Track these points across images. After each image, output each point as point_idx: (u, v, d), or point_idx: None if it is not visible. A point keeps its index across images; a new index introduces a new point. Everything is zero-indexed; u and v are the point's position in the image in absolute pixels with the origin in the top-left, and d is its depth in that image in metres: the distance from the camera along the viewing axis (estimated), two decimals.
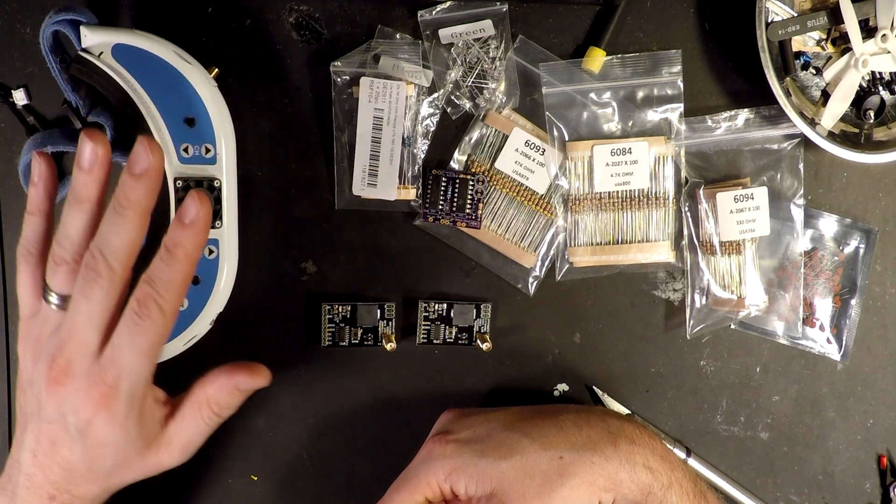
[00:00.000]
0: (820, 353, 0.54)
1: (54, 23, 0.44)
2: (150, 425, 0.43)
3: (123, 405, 0.40)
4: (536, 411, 0.47)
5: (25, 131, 0.51)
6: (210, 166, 0.47)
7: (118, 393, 0.40)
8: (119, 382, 0.40)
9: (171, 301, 0.40)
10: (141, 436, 0.42)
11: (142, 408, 0.41)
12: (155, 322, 0.39)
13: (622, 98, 0.52)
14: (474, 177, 0.48)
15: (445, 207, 0.46)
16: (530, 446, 0.43)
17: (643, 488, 0.43)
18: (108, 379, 0.40)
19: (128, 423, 0.41)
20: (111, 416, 0.40)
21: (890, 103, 0.52)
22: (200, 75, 0.46)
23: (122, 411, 0.40)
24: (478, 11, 0.51)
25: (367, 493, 0.54)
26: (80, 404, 0.40)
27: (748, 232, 0.51)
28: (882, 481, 0.55)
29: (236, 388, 0.44)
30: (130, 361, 0.40)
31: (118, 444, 0.41)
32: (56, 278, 0.42)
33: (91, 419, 0.40)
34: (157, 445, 0.43)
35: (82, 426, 0.40)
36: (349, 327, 0.52)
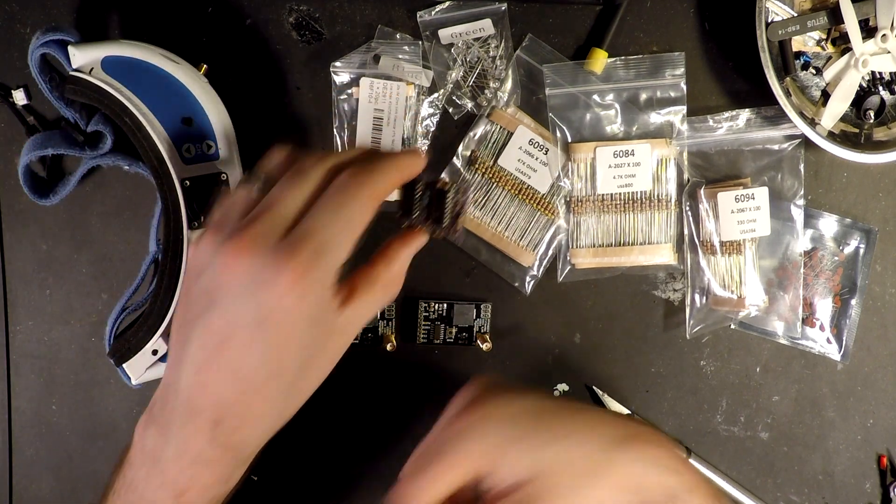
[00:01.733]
0: (820, 353, 0.54)
1: (41, 45, 0.44)
2: (329, 317, 0.36)
3: (317, 289, 0.34)
4: (565, 401, 0.43)
5: (25, 131, 0.51)
6: (214, 162, 0.47)
7: (312, 271, 0.33)
8: (315, 259, 0.33)
9: (378, 184, 0.35)
10: (324, 328, 0.35)
11: (332, 303, 0.35)
12: (361, 200, 0.35)
13: (625, 100, 0.52)
14: (459, 184, 0.41)
15: (421, 217, 0.40)
16: (573, 436, 0.36)
17: (667, 491, 0.40)
18: (304, 253, 0.33)
19: (317, 311, 0.34)
20: (301, 300, 0.33)
21: (890, 103, 0.52)
22: (190, 73, 0.46)
23: (314, 296, 0.34)
24: (477, 11, 0.51)
25: (367, 493, 0.54)
26: (264, 283, 0.33)
27: (748, 232, 0.51)
28: (882, 481, 0.55)
29: (405, 255, 0.39)
30: (332, 234, 0.34)
31: (302, 339, 0.35)
32: (268, 164, 0.38)
33: (276, 304, 0.33)
34: (333, 334, 0.36)
35: (264, 313, 0.33)
36: None
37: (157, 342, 0.47)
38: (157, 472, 0.38)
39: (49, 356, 0.53)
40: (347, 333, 0.38)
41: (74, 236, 0.52)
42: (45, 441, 0.53)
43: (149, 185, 0.51)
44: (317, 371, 0.37)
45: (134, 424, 0.54)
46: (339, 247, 0.34)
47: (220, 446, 0.37)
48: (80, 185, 0.51)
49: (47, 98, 0.47)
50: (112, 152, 0.49)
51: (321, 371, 0.38)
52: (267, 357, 0.34)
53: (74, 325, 0.53)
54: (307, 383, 0.37)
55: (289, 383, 0.36)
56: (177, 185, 0.46)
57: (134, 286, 0.49)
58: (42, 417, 0.53)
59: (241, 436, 0.37)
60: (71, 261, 0.53)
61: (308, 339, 0.35)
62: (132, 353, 0.47)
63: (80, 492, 0.54)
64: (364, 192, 0.35)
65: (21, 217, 0.52)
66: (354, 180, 0.35)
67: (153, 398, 0.38)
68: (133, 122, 0.45)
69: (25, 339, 0.53)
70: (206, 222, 0.44)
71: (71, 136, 0.48)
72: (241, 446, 0.37)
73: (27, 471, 0.54)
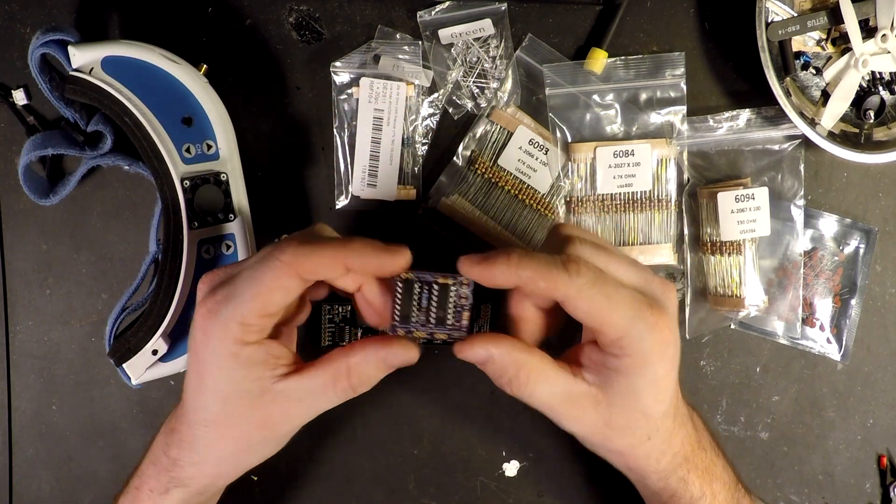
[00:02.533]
0: (820, 353, 0.54)
1: (41, 45, 0.44)
2: (260, 377, 0.38)
3: (220, 331, 0.37)
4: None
5: (25, 131, 0.51)
6: (214, 162, 0.47)
7: (214, 315, 0.37)
8: (222, 303, 0.37)
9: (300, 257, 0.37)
10: (245, 383, 0.38)
11: (243, 352, 0.38)
12: (273, 263, 0.37)
13: (625, 100, 0.52)
14: (456, 279, 0.38)
15: (421, 318, 0.38)
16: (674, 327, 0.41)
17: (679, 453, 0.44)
18: (218, 296, 0.38)
19: (224, 358, 0.38)
20: (206, 338, 0.38)
21: (890, 103, 0.52)
22: (190, 73, 0.46)
23: (219, 338, 0.37)
24: (477, 11, 0.51)
25: (367, 493, 0.54)
26: (195, 315, 0.38)
27: (748, 232, 0.51)
28: (882, 481, 0.55)
29: (384, 362, 0.40)
30: (239, 289, 0.37)
31: (216, 381, 0.38)
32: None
33: (195, 337, 0.38)
34: (267, 398, 0.39)
35: (192, 345, 0.39)
36: (349, 327, 0.52)
37: (157, 342, 0.47)
38: (143, 461, 0.44)
39: (49, 356, 0.53)
40: (290, 404, 0.39)
41: (74, 236, 0.52)
42: (45, 441, 0.53)
43: (149, 185, 0.51)
44: (245, 425, 0.40)
45: (134, 424, 0.54)
46: (242, 302, 0.37)
47: (164, 454, 0.42)
48: (80, 185, 0.51)
49: (47, 98, 0.47)
50: (112, 152, 0.49)
51: (252, 427, 0.40)
52: (193, 385, 0.40)
53: (74, 325, 0.53)
54: (233, 433, 0.40)
55: (210, 421, 0.40)
56: (177, 185, 0.46)
57: (134, 286, 0.49)
58: (42, 417, 0.53)
59: (179, 453, 0.41)
60: (71, 261, 0.53)
61: (225, 385, 0.38)
62: (132, 353, 0.47)
63: (80, 492, 0.54)
64: (281, 259, 0.37)
65: (21, 217, 0.52)
66: (277, 248, 0.37)
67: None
68: (133, 122, 0.45)
69: (25, 339, 0.53)
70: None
71: (71, 136, 0.48)
72: (178, 464, 0.41)
73: (27, 471, 0.54)
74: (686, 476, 0.44)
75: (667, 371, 0.40)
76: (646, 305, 0.39)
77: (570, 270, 0.37)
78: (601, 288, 0.38)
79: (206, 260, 0.48)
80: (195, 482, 0.42)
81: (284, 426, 0.41)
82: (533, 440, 0.55)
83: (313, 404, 0.40)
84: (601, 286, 0.38)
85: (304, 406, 0.40)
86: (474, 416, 0.54)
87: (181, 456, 0.41)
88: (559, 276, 0.37)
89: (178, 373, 0.49)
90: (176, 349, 0.48)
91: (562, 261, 0.38)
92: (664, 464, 0.43)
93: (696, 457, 0.44)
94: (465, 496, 0.55)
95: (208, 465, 0.41)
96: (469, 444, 0.55)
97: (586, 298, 0.38)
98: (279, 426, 0.40)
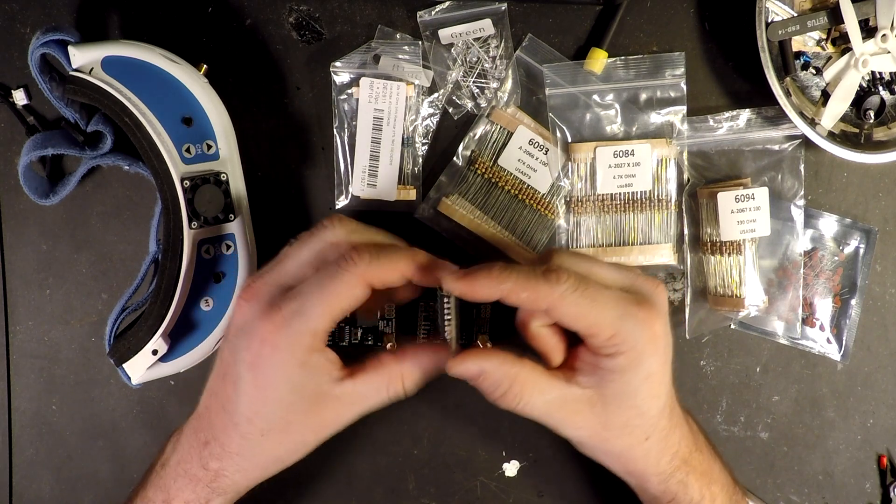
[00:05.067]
0: (820, 353, 0.54)
1: (41, 45, 0.44)
2: (320, 382, 0.40)
3: (290, 343, 0.38)
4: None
5: (25, 131, 0.51)
6: (214, 162, 0.47)
7: (285, 329, 0.38)
8: (291, 319, 0.38)
9: (371, 269, 0.38)
10: (308, 388, 0.40)
11: (311, 360, 0.39)
12: (346, 276, 0.38)
13: (625, 100, 0.52)
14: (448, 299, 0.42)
15: (455, 331, 0.42)
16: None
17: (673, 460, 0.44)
18: (282, 312, 0.38)
19: (292, 368, 0.39)
20: (275, 351, 0.39)
21: (890, 103, 0.52)
22: (190, 73, 0.46)
23: (288, 350, 0.38)
24: (477, 11, 0.51)
25: (367, 493, 0.54)
26: (253, 330, 0.39)
27: (748, 232, 0.51)
28: (882, 481, 0.55)
29: (436, 367, 0.42)
30: (310, 301, 0.38)
31: (280, 391, 0.39)
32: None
33: (258, 350, 0.39)
34: (325, 402, 0.40)
35: (253, 357, 0.39)
36: (349, 327, 0.52)
37: (157, 342, 0.47)
38: (160, 475, 0.43)
39: (49, 356, 0.53)
40: (343, 407, 0.41)
41: (74, 236, 0.52)
42: (45, 441, 0.53)
43: (149, 185, 0.51)
44: (302, 429, 0.41)
45: (134, 424, 0.54)
46: (315, 315, 0.38)
47: (202, 468, 0.42)
48: (80, 185, 0.51)
49: (47, 98, 0.47)
50: (112, 152, 0.49)
51: (308, 431, 0.41)
52: (250, 398, 0.40)
53: (74, 325, 0.53)
54: (291, 438, 0.41)
55: (268, 430, 0.40)
56: (177, 185, 0.46)
57: (134, 286, 0.49)
58: (42, 417, 0.53)
59: (221, 465, 0.41)
60: (71, 261, 0.53)
61: (288, 394, 0.39)
62: (132, 353, 0.47)
63: (80, 492, 0.54)
64: (353, 272, 0.38)
65: (21, 217, 0.52)
66: (349, 259, 0.39)
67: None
68: (133, 122, 0.45)
69: (25, 339, 0.53)
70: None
71: (71, 136, 0.48)
72: (221, 475, 0.42)
73: (27, 471, 0.54)
74: (685, 479, 0.44)
75: (660, 365, 0.41)
76: (633, 302, 0.39)
77: (551, 279, 0.38)
78: (584, 291, 0.39)
79: (207, 260, 0.48)
80: (239, 486, 0.43)
81: (335, 427, 0.42)
82: (533, 440, 0.55)
83: (364, 406, 0.42)
84: (584, 290, 0.39)
85: (355, 408, 0.42)
86: (474, 416, 0.54)
87: (225, 467, 0.42)
88: (540, 285, 0.38)
89: (178, 373, 0.49)
90: (176, 349, 0.48)
91: (542, 271, 0.39)
92: (664, 464, 0.43)
93: (694, 458, 0.45)
94: (465, 496, 0.55)
95: (258, 470, 0.43)
96: (469, 444, 0.55)
97: (570, 304, 0.38)
98: (331, 427, 0.42)
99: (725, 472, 0.47)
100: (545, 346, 0.43)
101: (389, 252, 0.39)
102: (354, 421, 0.42)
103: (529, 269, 0.39)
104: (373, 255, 0.39)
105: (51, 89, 0.46)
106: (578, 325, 0.39)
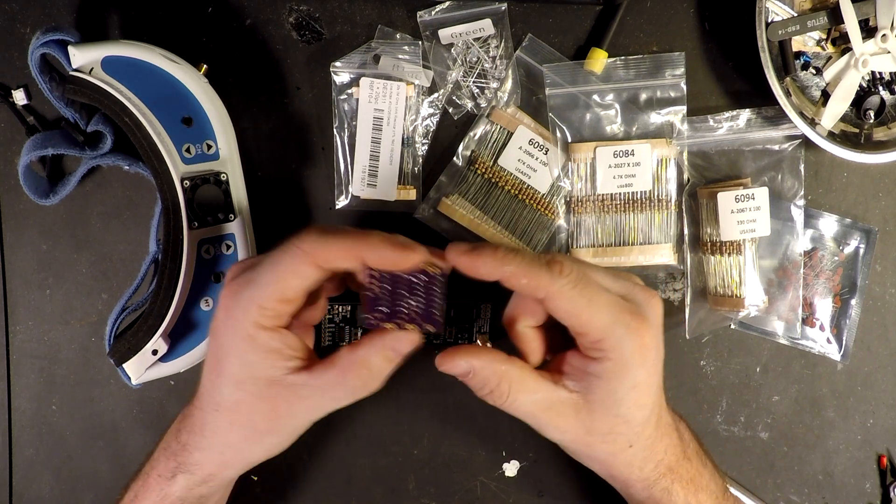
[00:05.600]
0: (820, 353, 0.54)
1: (41, 45, 0.44)
2: (273, 366, 0.39)
3: (240, 312, 0.38)
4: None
5: (25, 131, 0.51)
6: (214, 162, 0.47)
7: (238, 296, 0.39)
8: (245, 286, 0.39)
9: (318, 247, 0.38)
10: (257, 369, 0.39)
11: (260, 336, 0.39)
12: (292, 250, 0.38)
13: (625, 100, 0.52)
14: (438, 271, 0.40)
15: (412, 312, 0.40)
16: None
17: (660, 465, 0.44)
18: (241, 279, 0.39)
19: (241, 341, 0.39)
20: (226, 320, 0.39)
21: (890, 103, 0.52)
22: (190, 73, 0.46)
23: (238, 319, 0.39)
24: (477, 11, 0.51)
25: (367, 493, 0.54)
26: (220, 300, 0.40)
27: (748, 232, 0.51)
28: (882, 481, 0.55)
29: (392, 350, 0.40)
30: (260, 272, 0.39)
31: (232, 366, 0.39)
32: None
33: (217, 318, 0.40)
34: (277, 389, 0.40)
35: (213, 326, 0.40)
36: (349, 327, 0.52)
37: (157, 342, 0.47)
38: (156, 448, 0.45)
39: (49, 356, 0.53)
40: (296, 398, 0.40)
41: (74, 236, 0.52)
42: (45, 441, 0.53)
43: (149, 185, 0.51)
44: (252, 413, 0.40)
45: (134, 424, 0.54)
46: (262, 284, 0.38)
47: (176, 440, 0.43)
48: (80, 185, 0.51)
49: (47, 98, 0.47)
50: (112, 152, 0.49)
51: (259, 416, 0.40)
52: (209, 369, 0.41)
53: (74, 325, 0.53)
54: (241, 420, 0.41)
55: (220, 405, 0.40)
56: (177, 185, 0.46)
57: (134, 286, 0.49)
58: (42, 417, 0.53)
59: (189, 439, 0.42)
60: (71, 261, 0.53)
61: (238, 370, 0.39)
62: (132, 353, 0.47)
63: (80, 492, 0.54)
64: (300, 247, 0.38)
65: (21, 217, 0.52)
66: (300, 235, 0.39)
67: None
68: (133, 122, 0.45)
69: (25, 339, 0.53)
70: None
71: (71, 136, 0.48)
72: (187, 448, 0.42)
73: (27, 471, 0.54)
74: (670, 486, 0.44)
75: (647, 376, 0.41)
76: (627, 310, 0.40)
77: (553, 270, 0.39)
78: (583, 289, 0.39)
79: (206, 260, 0.48)
80: (200, 469, 0.43)
81: (290, 420, 0.41)
82: (533, 440, 0.55)
83: (321, 401, 0.41)
84: (583, 287, 0.39)
85: (311, 402, 0.41)
86: (474, 416, 0.54)
87: (190, 440, 0.42)
88: (542, 274, 0.38)
89: (178, 373, 0.49)
90: (176, 349, 0.48)
91: (546, 260, 0.39)
92: (647, 472, 0.43)
93: (681, 467, 0.44)
94: (465, 496, 0.55)
95: (214, 452, 0.42)
96: (469, 444, 0.55)
97: (567, 298, 0.38)
98: (284, 419, 0.41)
99: (716, 479, 0.47)
100: (527, 346, 0.43)
101: (339, 233, 0.39)
102: (316, 418, 0.41)
103: (534, 257, 0.39)
104: (320, 234, 0.39)
105: (51, 89, 0.46)
106: (570, 321, 0.39)
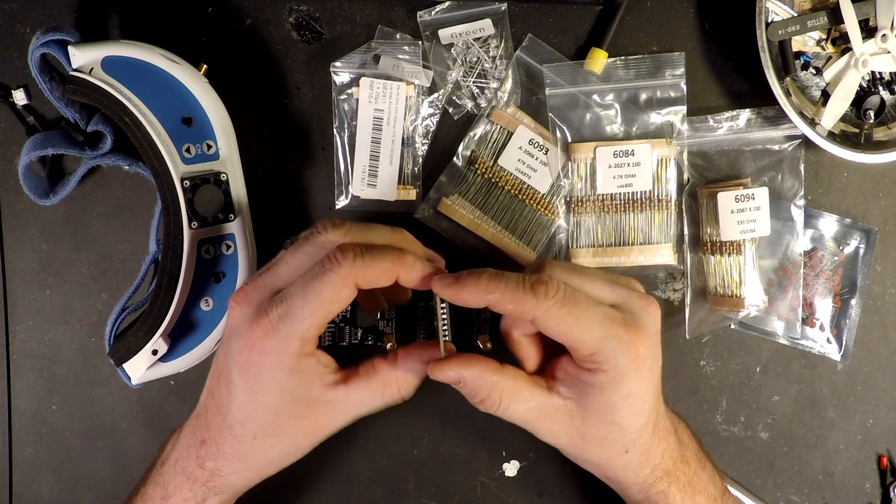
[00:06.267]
0: (820, 353, 0.54)
1: (41, 45, 0.44)
2: (312, 387, 0.40)
3: (279, 348, 0.38)
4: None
5: (25, 131, 0.51)
6: (214, 162, 0.47)
7: (274, 333, 0.38)
8: (280, 322, 0.38)
9: (357, 269, 0.38)
10: (299, 393, 0.40)
11: (300, 365, 0.39)
12: (330, 277, 0.38)
13: (625, 100, 0.52)
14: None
15: (445, 331, 0.42)
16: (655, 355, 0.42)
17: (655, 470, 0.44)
18: (272, 315, 0.38)
19: (281, 373, 0.39)
20: (264, 356, 0.39)
21: (890, 103, 0.52)
22: (190, 73, 0.46)
23: (277, 355, 0.38)
24: (477, 11, 0.51)
25: (367, 493, 0.54)
26: (243, 334, 0.39)
27: (748, 232, 0.51)
28: (882, 481, 0.55)
29: (428, 371, 0.41)
30: (296, 304, 0.38)
31: (270, 395, 0.39)
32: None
33: (249, 354, 0.39)
34: (317, 406, 0.40)
35: (245, 360, 0.39)
36: (349, 327, 0.52)
37: (157, 342, 0.47)
38: (160, 472, 0.44)
39: (49, 356, 0.53)
40: (336, 412, 0.41)
41: (74, 236, 0.52)
42: (45, 441, 0.53)
43: (149, 185, 0.51)
44: (294, 433, 0.41)
45: (134, 424, 0.54)
46: (301, 318, 0.38)
47: (199, 467, 0.42)
48: (80, 185, 0.51)
49: (47, 98, 0.47)
50: (112, 152, 0.49)
51: (301, 435, 0.41)
52: (241, 401, 0.40)
53: (74, 325, 0.53)
54: (283, 441, 0.41)
55: (260, 433, 0.40)
56: (177, 185, 0.46)
57: (134, 286, 0.49)
58: (42, 417, 0.53)
59: (217, 465, 0.42)
60: (71, 261, 0.53)
61: (279, 398, 0.40)
62: (132, 353, 0.47)
63: (80, 492, 0.54)
64: (337, 273, 0.38)
65: (21, 217, 0.52)
66: (333, 260, 0.38)
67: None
68: (133, 122, 0.45)
69: (25, 339, 0.53)
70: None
71: (71, 136, 0.49)
72: (217, 474, 0.42)
73: (27, 471, 0.54)
74: (667, 490, 0.44)
75: (643, 385, 0.41)
76: (619, 323, 0.39)
77: (538, 292, 0.38)
78: (570, 308, 0.39)
79: (206, 260, 0.48)
80: (235, 487, 0.43)
81: (328, 431, 0.42)
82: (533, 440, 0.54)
83: (358, 411, 0.42)
84: (570, 306, 0.39)
85: (349, 413, 0.42)
86: (474, 416, 0.54)
87: (221, 467, 0.42)
88: (527, 298, 0.38)
89: (178, 373, 0.49)
90: (176, 349, 0.48)
91: (531, 282, 0.39)
92: (643, 476, 0.43)
93: (679, 470, 0.44)
94: (465, 496, 0.55)
95: (253, 472, 0.43)
96: (469, 444, 0.55)
97: (555, 319, 0.39)
98: (324, 431, 0.42)
99: (715, 481, 0.46)
100: (523, 353, 0.43)
101: (375, 253, 0.39)
102: (350, 424, 0.43)
103: (518, 280, 0.39)
104: (357, 255, 0.38)
105: (51, 89, 0.46)
106: (561, 339, 0.40)
